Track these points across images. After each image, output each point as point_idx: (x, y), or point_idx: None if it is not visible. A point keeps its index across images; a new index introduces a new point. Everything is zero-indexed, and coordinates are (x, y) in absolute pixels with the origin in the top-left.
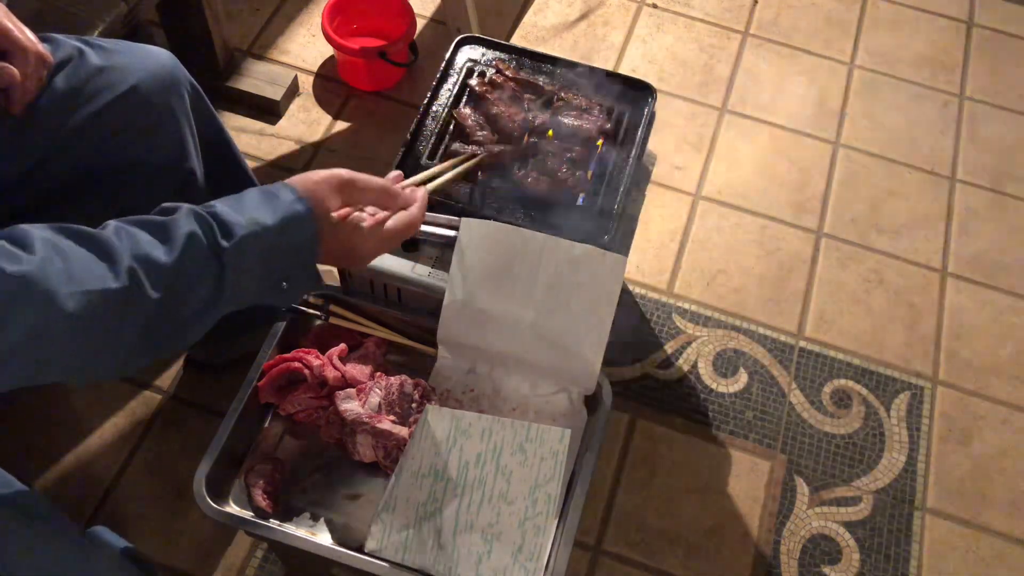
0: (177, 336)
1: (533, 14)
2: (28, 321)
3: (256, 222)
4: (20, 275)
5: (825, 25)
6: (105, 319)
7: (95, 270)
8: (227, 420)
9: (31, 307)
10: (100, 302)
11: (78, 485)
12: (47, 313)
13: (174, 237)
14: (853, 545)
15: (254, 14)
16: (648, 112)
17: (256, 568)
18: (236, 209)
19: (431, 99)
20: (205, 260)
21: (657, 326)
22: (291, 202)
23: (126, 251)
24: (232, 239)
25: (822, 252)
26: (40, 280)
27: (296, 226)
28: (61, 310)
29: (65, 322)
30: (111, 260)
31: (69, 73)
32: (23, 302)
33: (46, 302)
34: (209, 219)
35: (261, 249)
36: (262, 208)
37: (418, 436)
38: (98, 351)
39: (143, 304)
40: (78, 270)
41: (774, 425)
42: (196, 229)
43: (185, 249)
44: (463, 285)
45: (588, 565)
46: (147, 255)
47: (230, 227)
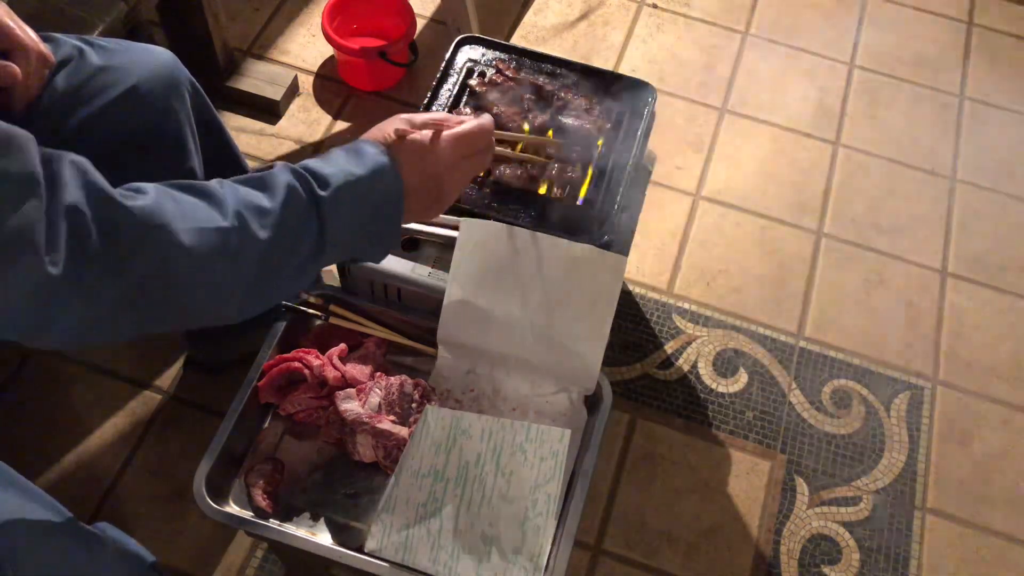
0: (286, 284)
1: (533, 14)
2: (153, 252)
3: (349, 172)
4: (140, 208)
5: (825, 25)
6: (220, 256)
7: (204, 211)
8: (227, 420)
9: (154, 240)
10: (214, 238)
11: (78, 485)
12: (168, 246)
13: (274, 186)
14: (853, 545)
15: (254, 14)
16: (648, 112)
17: (256, 568)
18: (327, 163)
19: (431, 99)
20: (306, 210)
21: (657, 326)
22: (375, 154)
23: (230, 197)
24: (328, 188)
25: (822, 252)
26: (158, 214)
27: (383, 176)
28: (180, 244)
29: (185, 256)
30: (218, 204)
31: (69, 73)
32: (148, 233)
33: (166, 235)
34: (304, 172)
35: (355, 198)
36: (351, 161)
37: (418, 436)
38: (218, 290)
39: (253, 244)
40: (190, 210)
41: (774, 425)
42: (293, 181)
43: (286, 198)
44: (463, 285)
45: (588, 565)
46: (250, 201)
47: (325, 178)
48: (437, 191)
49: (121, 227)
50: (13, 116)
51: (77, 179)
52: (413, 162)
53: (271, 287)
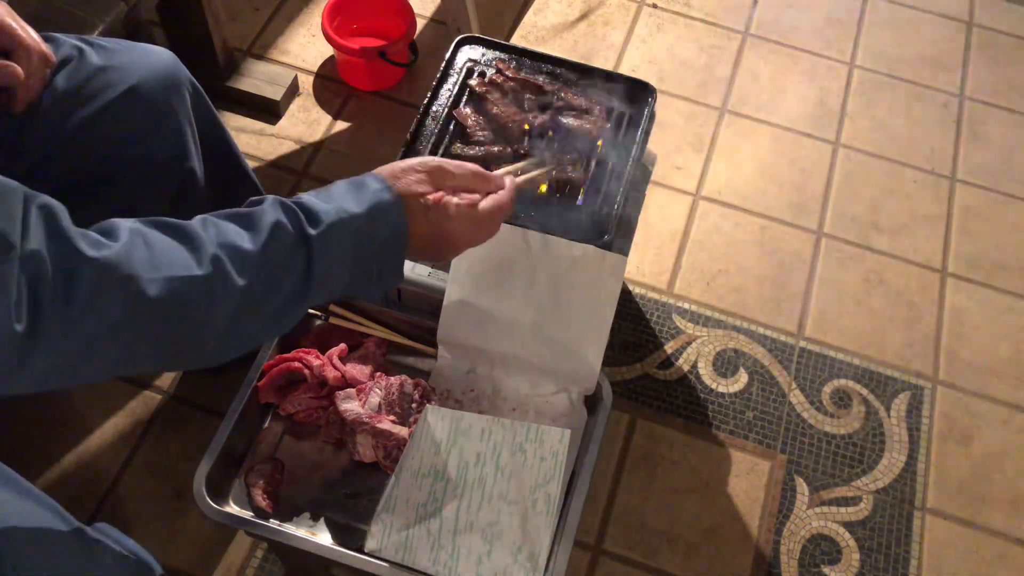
0: (268, 327)
1: (533, 14)
2: (115, 306)
3: (343, 210)
4: (104, 260)
5: (825, 25)
6: (190, 306)
7: (178, 257)
8: (227, 420)
9: (116, 292)
10: (184, 288)
11: (78, 484)
12: (132, 299)
13: (260, 226)
14: (853, 545)
15: (254, 14)
16: (648, 112)
17: (256, 568)
18: (322, 198)
19: (431, 99)
20: (292, 248)
21: (657, 326)
22: (378, 191)
23: (211, 239)
24: (319, 226)
25: (822, 252)
26: (124, 265)
27: (384, 214)
28: (145, 295)
29: (150, 308)
30: (195, 248)
31: (70, 73)
32: (108, 287)
33: (130, 287)
34: (295, 208)
35: (349, 237)
36: (348, 197)
37: (418, 436)
38: (186, 339)
39: (228, 291)
40: (162, 257)
41: (774, 425)
42: (282, 218)
43: (271, 237)
44: (463, 285)
45: (588, 565)
46: (232, 243)
47: (317, 215)
48: (440, 249)
49: (82, 278)
50: (14, 115)
51: (42, 225)
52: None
53: (248, 332)
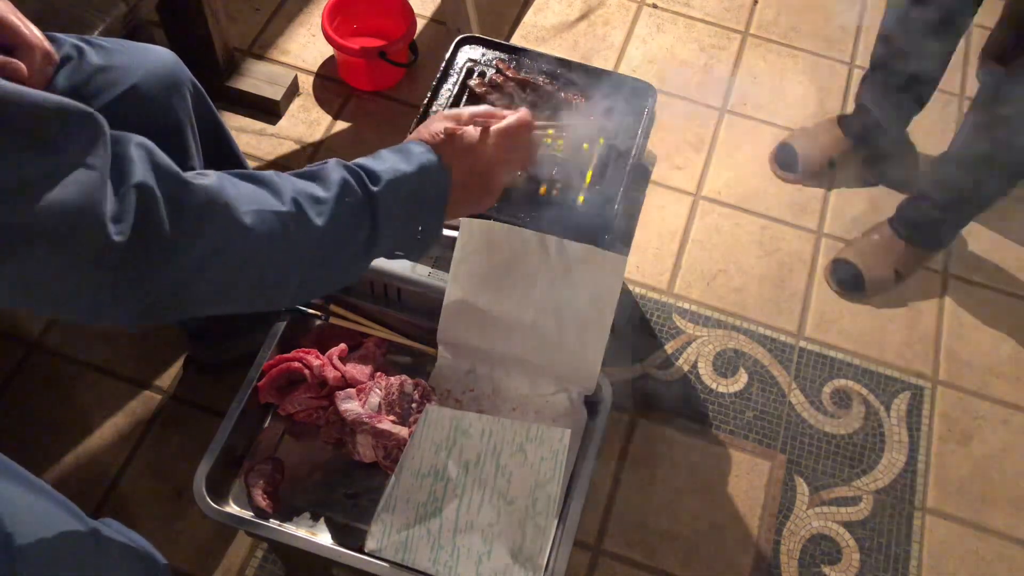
0: (339, 276)
1: (533, 14)
2: (217, 229)
3: (398, 170)
4: (205, 187)
5: (825, 25)
6: (279, 239)
7: (263, 195)
8: (227, 420)
9: (218, 216)
10: (273, 220)
11: (79, 484)
12: (230, 224)
13: (329, 181)
14: (853, 545)
15: (254, 14)
16: (648, 112)
17: (256, 568)
18: (376, 161)
19: (431, 99)
20: (359, 204)
21: (657, 326)
22: (422, 152)
23: (287, 186)
24: (380, 184)
25: (822, 252)
26: (221, 193)
27: (430, 172)
28: (241, 223)
29: (246, 236)
30: (275, 191)
31: (70, 72)
32: (212, 210)
33: (229, 213)
34: (356, 168)
35: (405, 194)
36: (399, 159)
37: (418, 436)
38: (274, 273)
39: (310, 231)
40: (249, 193)
41: (774, 425)
42: (347, 175)
43: (340, 191)
44: (463, 285)
45: (588, 565)
46: (306, 190)
47: (377, 174)
48: (484, 185)
49: (187, 204)
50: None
51: (145, 159)
52: (460, 158)
53: (324, 275)
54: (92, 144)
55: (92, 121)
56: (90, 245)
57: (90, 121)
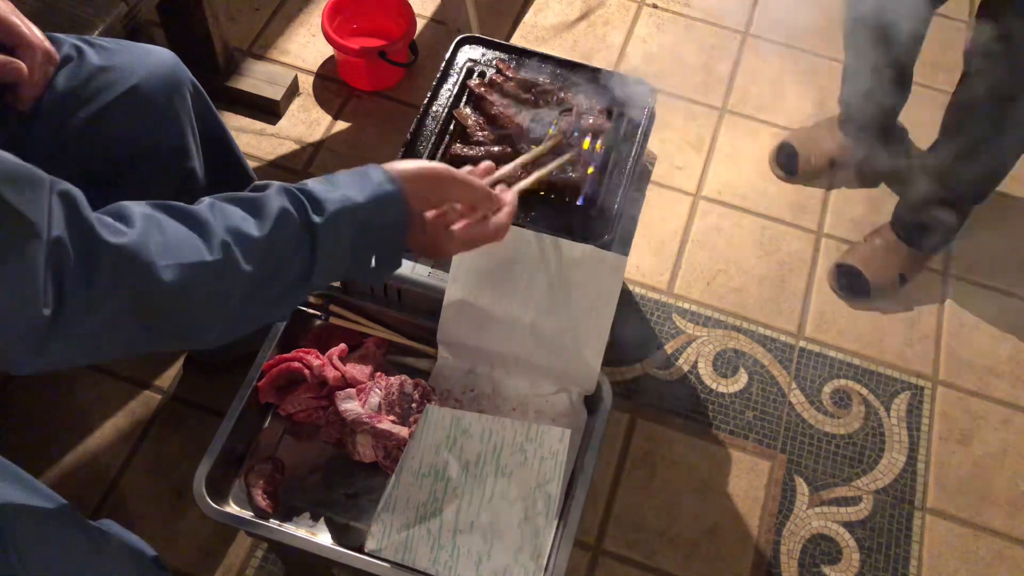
0: (270, 311)
1: (533, 14)
2: (131, 289)
3: (347, 198)
4: (122, 246)
5: (826, 24)
6: (202, 290)
7: (191, 244)
8: (227, 420)
9: (133, 276)
10: (196, 274)
11: (79, 484)
12: (148, 283)
13: (266, 212)
14: (853, 545)
15: (254, 14)
16: (648, 112)
17: (256, 568)
18: (326, 187)
19: (431, 99)
20: (298, 236)
21: (657, 326)
22: (381, 182)
23: (220, 226)
24: (324, 215)
25: (822, 252)
26: (141, 252)
27: (386, 206)
28: (160, 280)
29: (165, 292)
30: (205, 234)
31: (70, 73)
32: (125, 271)
33: (146, 272)
34: (300, 196)
35: (352, 225)
36: (353, 186)
37: (418, 436)
38: (199, 320)
39: (237, 277)
40: (174, 243)
41: (774, 425)
42: (288, 205)
43: (277, 224)
44: (463, 285)
45: (588, 565)
46: (239, 229)
47: (321, 203)
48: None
49: (102, 264)
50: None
51: (62, 212)
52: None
53: (253, 315)
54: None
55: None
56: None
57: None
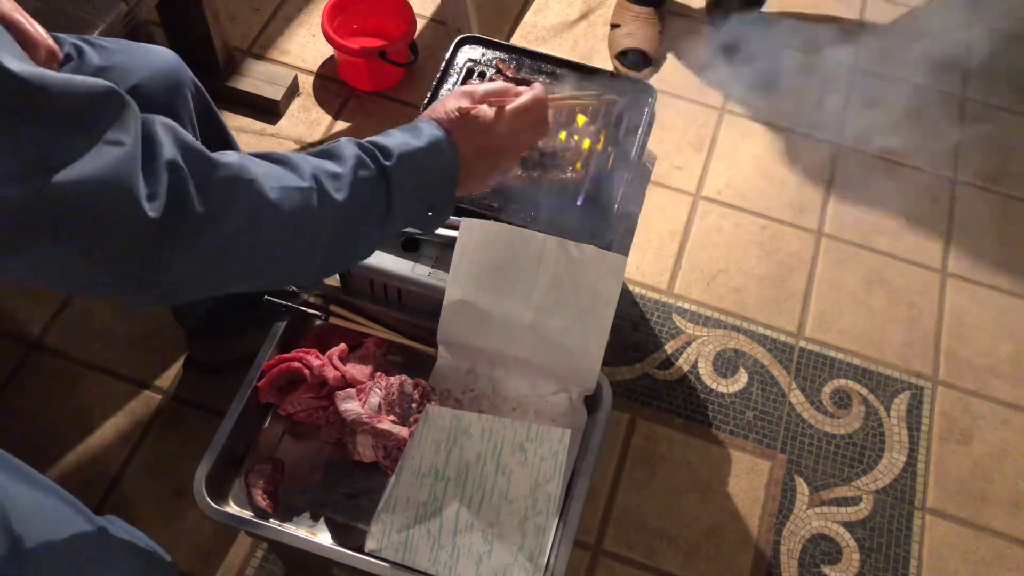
0: (358, 249)
1: (533, 14)
2: (245, 205)
3: (409, 144)
4: (230, 164)
5: (825, 25)
6: (304, 214)
7: (284, 173)
8: (227, 420)
9: (245, 192)
10: (297, 196)
11: (79, 484)
12: (258, 199)
13: (343, 155)
14: (853, 545)
15: (254, 14)
16: (648, 112)
17: (256, 568)
18: (387, 138)
19: (431, 99)
20: (374, 177)
21: (657, 326)
22: (432, 128)
23: (305, 163)
24: (392, 159)
25: (822, 252)
26: (247, 171)
27: (440, 148)
28: (267, 198)
29: (273, 211)
30: (294, 168)
31: (70, 73)
32: (239, 187)
33: (256, 189)
34: (368, 145)
35: (416, 169)
36: (409, 136)
37: (418, 436)
38: (301, 247)
39: (331, 205)
40: (271, 172)
41: (774, 425)
42: (360, 152)
43: (356, 166)
44: (463, 285)
45: (588, 565)
46: (324, 167)
47: (388, 149)
48: (495, 162)
49: (215, 182)
50: None
51: (171, 138)
52: (471, 136)
53: (347, 249)
54: (122, 123)
55: (119, 100)
56: (125, 221)
57: (117, 99)
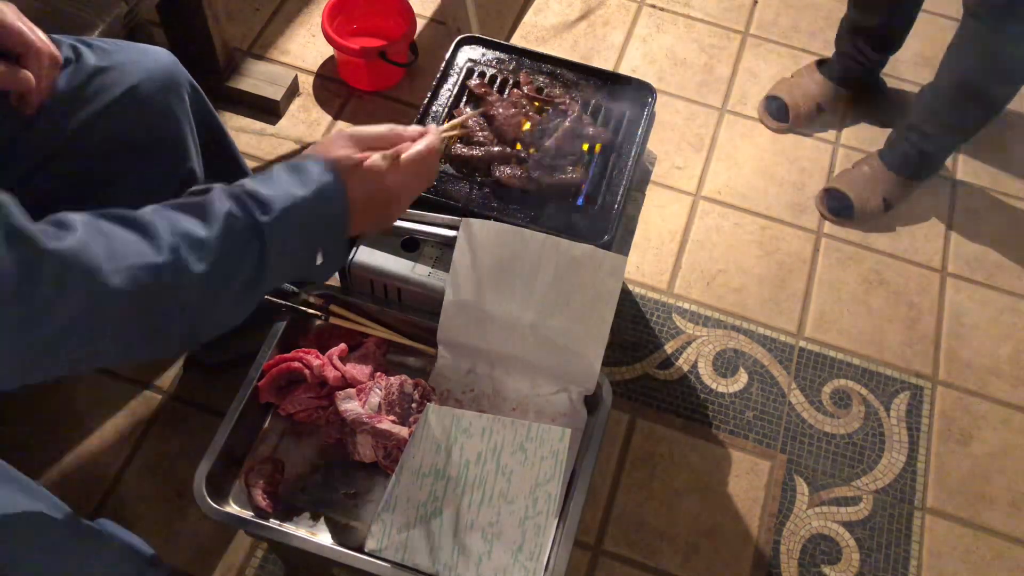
0: (227, 314)
1: (533, 14)
2: (77, 299)
3: (291, 195)
4: (63, 251)
5: (825, 25)
6: (153, 295)
7: (137, 247)
8: (227, 420)
9: (78, 285)
10: (145, 277)
11: (79, 484)
12: (94, 290)
13: (213, 214)
14: (853, 545)
15: (254, 14)
16: (648, 112)
17: (256, 568)
18: (268, 185)
19: (431, 99)
20: (246, 237)
21: (657, 326)
22: (320, 172)
23: (166, 229)
24: (271, 214)
25: (822, 252)
26: (83, 257)
27: (328, 195)
28: (107, 286)
29: (113, 299)
30: (152, 237)
31: (69, 74)
32: (70, 280)
33: (91, 279)
34: (244, 197)
35: (299, 221)
36: (293, 182)
37: (418, 435)
38: (151, 329)
39: (189, 279)
40: (120, 247)
41: (774, 425)
42: (234, 207)
43: (225, 226)
44: (463, 285)
45: (588, 565)
46: (187, 231)
47: (266, 202)
48: (385, 208)
49: (43, 269)
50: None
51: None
52: (362, 184)
53: (209, 319)
54: None
55: None
56: None
57: None
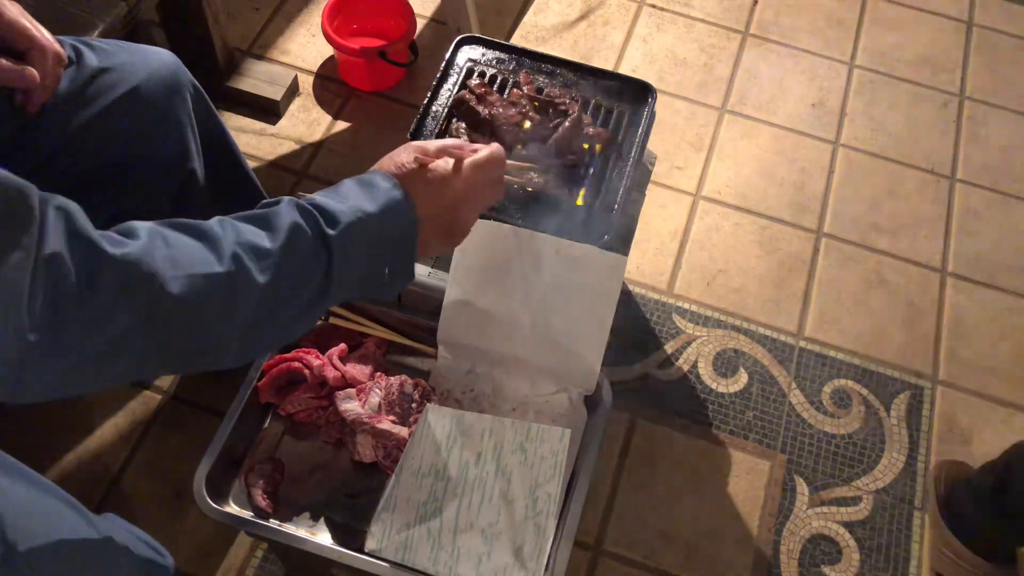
0: (287, 328)
1: (533, 14)
2: (138, 305)
3: (359, 209)
4: (125, 257)
5: (825, 25)
6: (212, 304)
7: (199, 255)
8: (227, 420)
9: (139, 290)
10: (205, 285)
11: (79, 484)
12: (154, 296)
13: (278, 226)
14: (853, 545)
15: (254, 14)
16: (648, 112)
17: (256, 568)
18: (336, 199)
19: (431, 99)
20: (312, 249)
21: (657, 326)
22: (388, 189)
23: (230, 238)
24: (337, 227)
25: (822, 252)
26: (145, 263)
27: (396, 213)
28: (168, 293)
29: (173, 305)
30: (214, 246)
31: (70, 75)
32: (132, 285)
33: (152, 285)
34: (312, 209)
35: (366, 237)
36: (363, 196)
37: (418, 435)
38: (207, 339)
39: (250, 290)
40: (182, 255)
41: (774, 425)
42: (299, 219)
43: (290, 238)
44: (463, 285)
45: (588, 565)
46: (251, 242)
47: (334, 215)
48: (451, 222)
49: (104, 276)
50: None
51: (60, 225)
52: (428, 194)
53: (271, 332)
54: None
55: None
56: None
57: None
